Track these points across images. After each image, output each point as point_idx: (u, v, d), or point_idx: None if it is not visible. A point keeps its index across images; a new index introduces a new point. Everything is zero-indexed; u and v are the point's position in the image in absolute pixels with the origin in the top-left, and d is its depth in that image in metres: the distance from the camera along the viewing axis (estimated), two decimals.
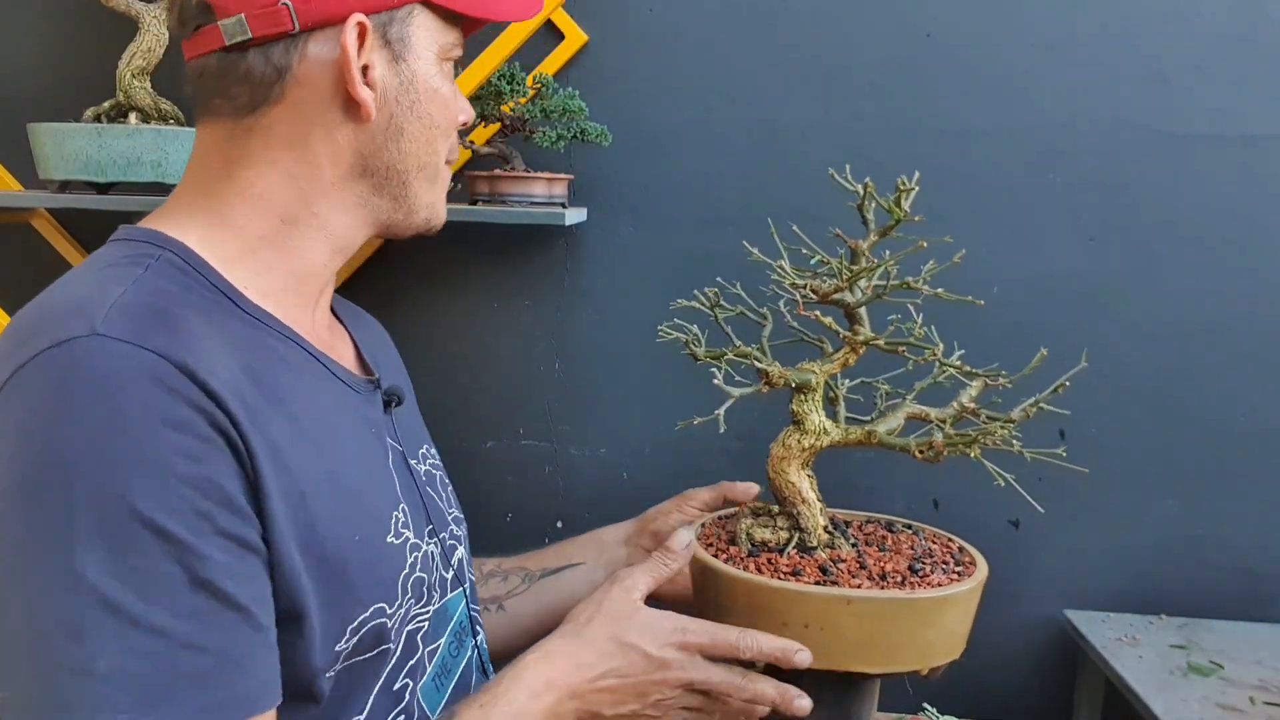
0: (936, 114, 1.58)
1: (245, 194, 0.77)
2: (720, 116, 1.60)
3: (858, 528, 1.14)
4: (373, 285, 1.66)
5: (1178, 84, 1.56)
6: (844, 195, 1.05)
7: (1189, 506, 1.62)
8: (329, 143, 0.77)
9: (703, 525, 1.12)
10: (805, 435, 1.04)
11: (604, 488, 1.68)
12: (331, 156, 0.78)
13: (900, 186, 1.00)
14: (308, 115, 0.76)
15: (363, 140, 0.78)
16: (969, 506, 1.63)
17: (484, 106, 1.46)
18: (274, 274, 0.78)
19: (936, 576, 0.99)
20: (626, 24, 1.60)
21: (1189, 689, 1.34)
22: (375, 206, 0.82)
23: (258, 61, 0.74)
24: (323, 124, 0.77)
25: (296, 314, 0.80)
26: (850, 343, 1.05)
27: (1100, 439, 1.61)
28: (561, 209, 1.45)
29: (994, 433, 0.98)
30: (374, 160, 0.80)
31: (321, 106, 0.76)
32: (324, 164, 0.78)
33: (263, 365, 0.72)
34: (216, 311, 0.72)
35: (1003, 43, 1.57)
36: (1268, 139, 1.55)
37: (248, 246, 0.77)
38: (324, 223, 0.80)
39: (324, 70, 0.76)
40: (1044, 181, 1.58)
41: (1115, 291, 1.59)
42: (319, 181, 0.78)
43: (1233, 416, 1.60)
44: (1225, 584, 1.62)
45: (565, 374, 1.67)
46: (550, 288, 1.65)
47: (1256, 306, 1.58)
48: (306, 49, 0.75)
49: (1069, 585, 1.64)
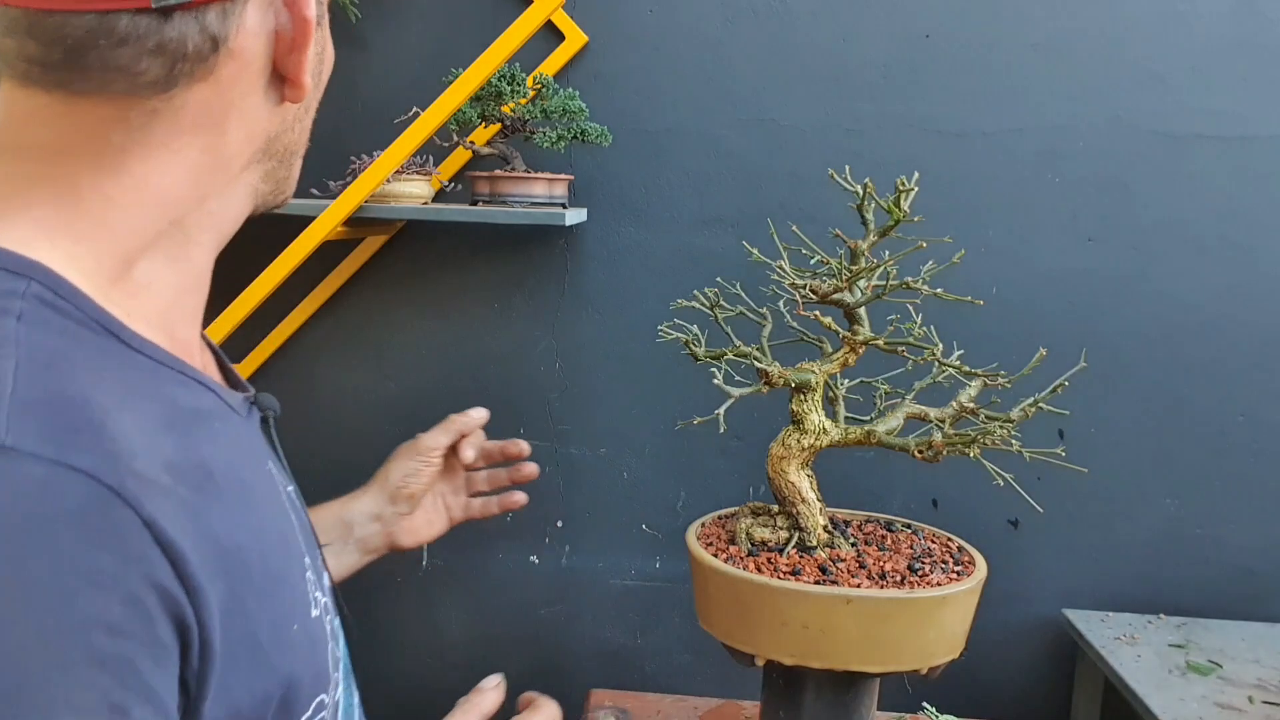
0: (936, 114, 1.58)
1: (134, 192, 0.61)
2: (720, 116, 1.61)
3: (857, 527, 1.14)
4: (373, 286, 1.66)
5: (1176, 84, 1.56)
6: (844, 195, 1.05)
7: (1188, 506, 1.62)
8: (244, 127, 0.64)
9: (703, 524, 1.12)
10: (805, 435, 1.04)
11: (604, 488, 1.69)
12: (244, 143, 0.65)
13: (900, 187, 1.00)
14: (230, 96, 0.62)
15: (275, 122, 0.66)
16: (968, 506, 1.63)
17: (484, 107, 1.46)
18: (156, 292, 0.63)
19: (936, 576, 1.00)
20: (626, 24, 1.60)
21: (1187, 688, 1.34)
22: (261, 191, 0.70)
23: (189, 29, 0.58)
24: (244, 105, 0.63)
25: (181, 337, 0.65)
26: (850, 343, 1.05)
27: (1099, 439, 1.61)
28: (562, 209, 1.46)
29: (993, 432, 0.98)
30: (278, 142, 0.68)
31: (248, 85, 0.63)
32: (234, 152, 0.65)
33: (181, 438, 0.56)
34: (111, 365, 0.56)
35: (1002, 43, 1.57)
36: (1266, 139, 1.56)
37: (125, 260, 0.61)
38: (216, 219, 0.66)
39: (259, 42, 0.62)
40: (1044, 181, 1.59)
41: (1114, 291, 1.59)
42: (225, 172, 0.65)
43: (1231, 416, 1.60)
44: (1224, 583, 1.63)
45: (565, 374, 1.67)
46: (550, 288, 1.66)
47: (1255, 306, 1.58)
48: (246, 15, 0.60)
49: (1068, 585, 1.64)
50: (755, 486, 1.66)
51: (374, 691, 1.79)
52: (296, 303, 1.64)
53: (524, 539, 1.70)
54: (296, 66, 0.64)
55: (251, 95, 0.63)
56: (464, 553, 1.71)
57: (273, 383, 1.68)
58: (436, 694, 1.77)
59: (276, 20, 0.62)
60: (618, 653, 1.72)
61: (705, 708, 1.31)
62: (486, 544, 1.71)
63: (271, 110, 0.65)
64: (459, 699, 0.83)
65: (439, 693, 1.74)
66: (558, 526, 1.70)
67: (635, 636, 1.71)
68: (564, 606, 1.71)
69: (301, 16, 0.62)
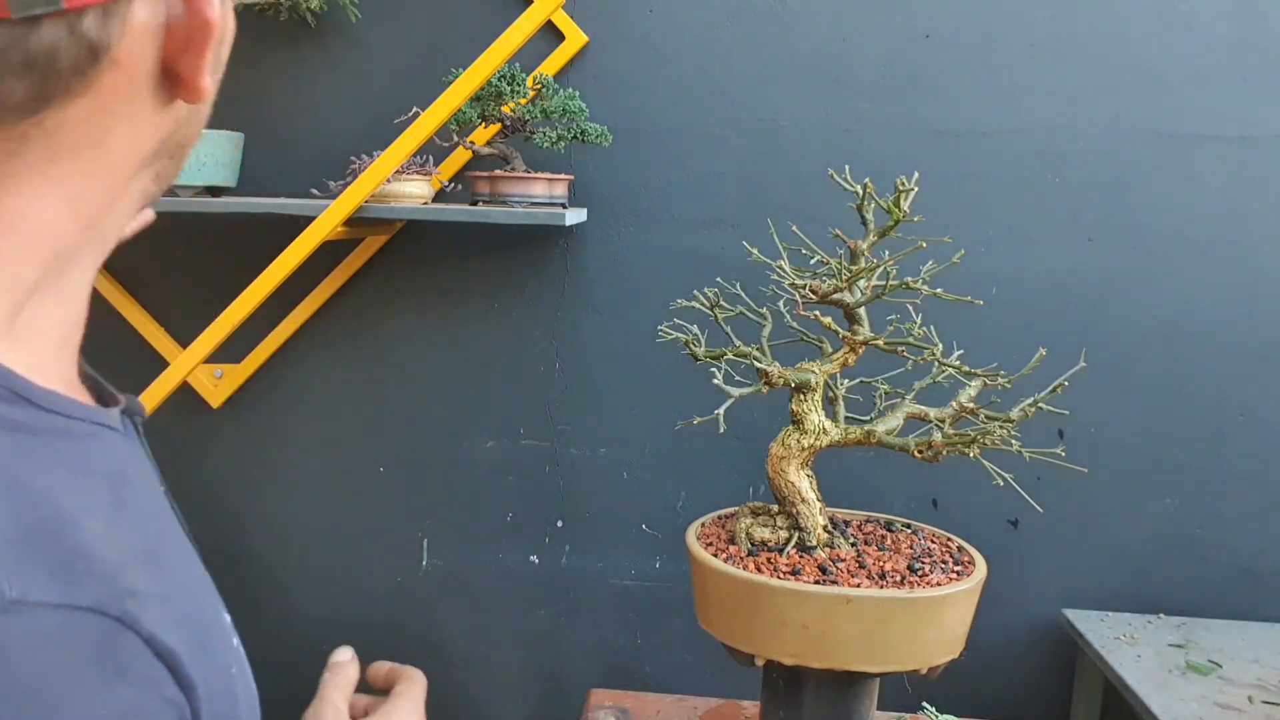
0: (936, 114, 1.58)
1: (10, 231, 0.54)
2: (720, 116, 1.61)
3: (857, 527, 1.14)
4: (373, 287, 1.66)
5: (1177, 85, 1.56)
6: (844, 195, 1.05)
7: (1187, 506, 1.62)
8: (131, 137, 0.55)
9: (703, 524, 1.13)
10: (805, 435, 1.04)
11: (604, 488, 1.69)
12: (130, 152, 0.55)
13: (899, 187, 1.00)
14: (114, 108, 0.53)
15: (167, 123, 0.56)
16: (968, 506, 1.63)
17: (484, 107, 1.46)
18: (46, 333, 0.55)
19: (935, 576, 1.00)
20: (626, 24, 1.60)
21: (1187, 688, 1.34)
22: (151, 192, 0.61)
23: (60, 40, 0.48)
24: (129, 115, 0.54)
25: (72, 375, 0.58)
26: (850, 343, 1.05)
27: (1099, 438, 1.61)
28: (562, 209, 1.46)
29: (993, 432, 0.98)
30: (170, 141, 0.58)
31: (134, 93, 0.53)
32: (120, 165, 0.55)
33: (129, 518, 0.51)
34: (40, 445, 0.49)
35: (1002, 43, 1.57)
36: (1266, 139, 1.56)
37: (13, 307, 0.53)
38: (103, 236, 0.58)
39: (148, 41, 0.52)
40: (1044, 182, 1.59)
41: (1114, 291, 1.59)
42: (110, 189, 0.56)
43: (1231, 416, 1.60)
44: (1223, 583, 1.63)
45: (565, 374, 1.68)
46: (550, 288, 1.66)
47: (1254, 306, 1.58)
48: (132, 13, 0.50)
49: (1067, 584, 1.64)
50: (755, 486, 1.66)
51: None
52: (296, 303, 1.64)
53: (524, 539, 1.71)
54: (193, 68, 0.54)
55: (138, 101, 0.54)
56: (464, 553, 1.71)
57: (273, 383, 1.68)
58: (437, 694, 1.77)
59: (169, 12, 0.52)
60: (618, 653, 1.72)
61: (705, 708, 1.32)
62: (486, 544, 1.71)
63: (162, 112, 0.56)
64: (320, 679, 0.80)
65: (440, 693, 1.74)
66: (558, 526, 1.70)
67: (635, 636, 1.71)
68: (564, 606, 1.71)
69: (202, 17, 0.52)
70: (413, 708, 0.80)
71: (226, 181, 1.49)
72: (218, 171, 1.46)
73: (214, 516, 1.71)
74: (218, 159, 1.45)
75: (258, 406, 1.69)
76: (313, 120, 1.63)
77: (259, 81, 1.62)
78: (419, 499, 1.71)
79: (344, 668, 0.81)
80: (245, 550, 1.72)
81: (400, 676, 0.84)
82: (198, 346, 1.46)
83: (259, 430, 1.69)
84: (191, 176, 1.42)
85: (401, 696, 0.80)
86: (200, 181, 1.44)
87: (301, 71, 1.62)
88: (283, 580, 1.72)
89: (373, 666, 0.85)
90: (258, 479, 1.71)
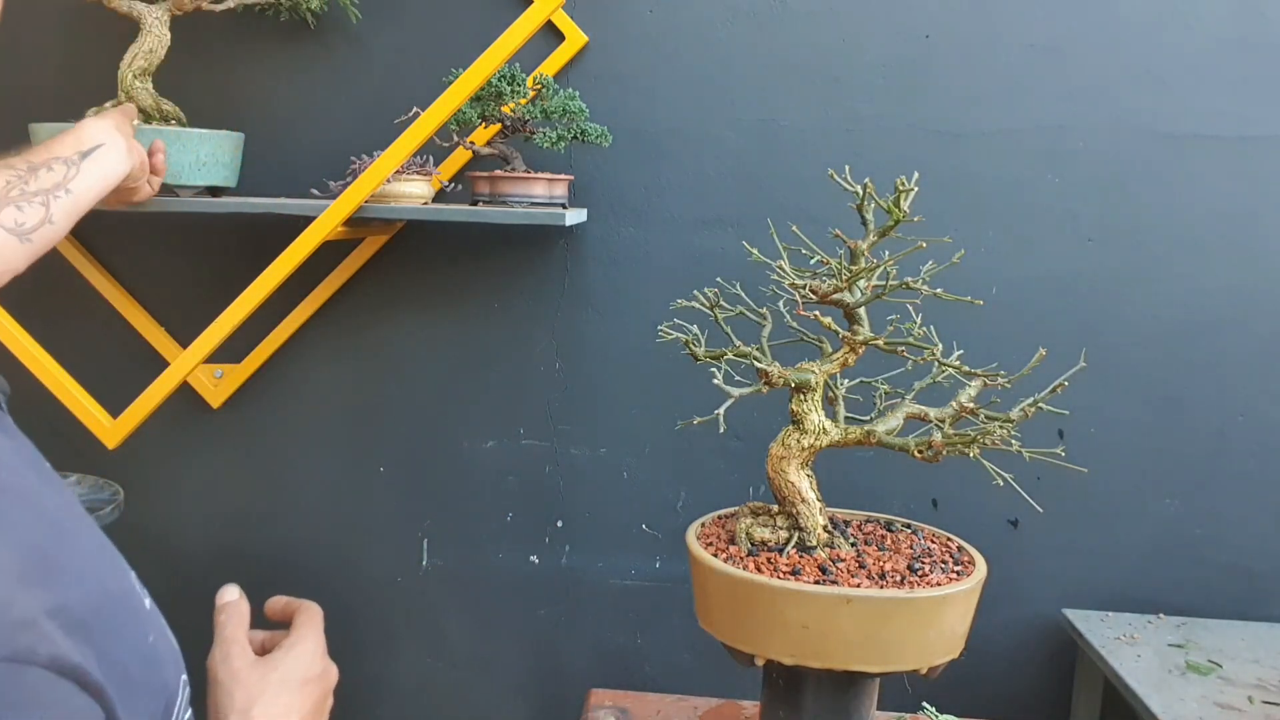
0: (936, 115, 1.58)
1: None
2: (720, 116, 1.61)
3: (857, 527, 1.14)
4: (373, 287, 1.66)
5: (1176, 85, 1.56)
6: (843, 196, 1.05)
7: (1187, 506, 1.62)
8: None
9: (703, 524, 1.13)
10: (805, 435, 1.05)
11: (604, 488, 1.69)
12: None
13: (899, 187, 1.00)
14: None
15: None
16: (968, 506, 1.63)
17: (484, 107, 1.46)
18: None
19: (935, 576, 1.00)
20: (626, 25, 1.60)
21: (1187, 688, 1.35)
22: None
23: None
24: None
25: None
26: (850, 343, 1.05)
27: (1099, 438, 1.61)
28: (562, 209, 1.46)
29: (993, 432, 0.98)
30: None
31: None
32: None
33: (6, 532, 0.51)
34: None
35: (1002, 43, 1.57)
36: (1266, 139, 1.56)
37: None
38: None
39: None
40: (1043, 182, 1.59)
41: (1113, 292, 1.59)
42: None
43: (1231, 416, 1.60)
44: (1223, 583, 1.63)
45: (565, 374, 1.68)
46: (550, 288, 1.66)
47: (1254, 307, 1.58)
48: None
49: (1067, 584, 1.64)
50: (755, 486, 1.66)
51: (374, 691, 1.79)
52: (296, 302, 1.64)
53: (524, 539, 1.71)
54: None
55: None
56: (464, 553, 1.71)
57: (273, 383, 1.68)
58: (437, 694, 1.78)
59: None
60: (618, 653, 1.72)
61: (705, 708, 1.32)
62: (486, 544, 1.71)
63: None
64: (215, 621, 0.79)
65: (440, 693, 1.75)
66: (558, 526, 1.70)
67: (635, 636, 1.71)
68: (564, 606, 1.71)
69: None
70: (316, 637, 0.81)
71: (226, 182, 1.49)
72: (218, 171, 1.46)
73: (214, 516, 1.72)
74: (218, 159, 1.45)
75: (258, 406, 1.69)
76: (313, 120, 1.63)
77: (259, 81, 1.62)
78: (419, 499, 1.71)
79: (236, 605, 0.81)
80: (245, 550, 1.72)
81: (299, 609, 0.85)
82: (198, 346, 1.46)
83: (259, 430, 1.69)
84: (191, 176, 1.42)
85: (305, 626, 0.81)
86: (200, 181, 1.44)
87: (301, 71, 1.63)
88: (283, 580, 1.72)
89: (270, 601, 0.86)
90: (258, 479, 1.71)
